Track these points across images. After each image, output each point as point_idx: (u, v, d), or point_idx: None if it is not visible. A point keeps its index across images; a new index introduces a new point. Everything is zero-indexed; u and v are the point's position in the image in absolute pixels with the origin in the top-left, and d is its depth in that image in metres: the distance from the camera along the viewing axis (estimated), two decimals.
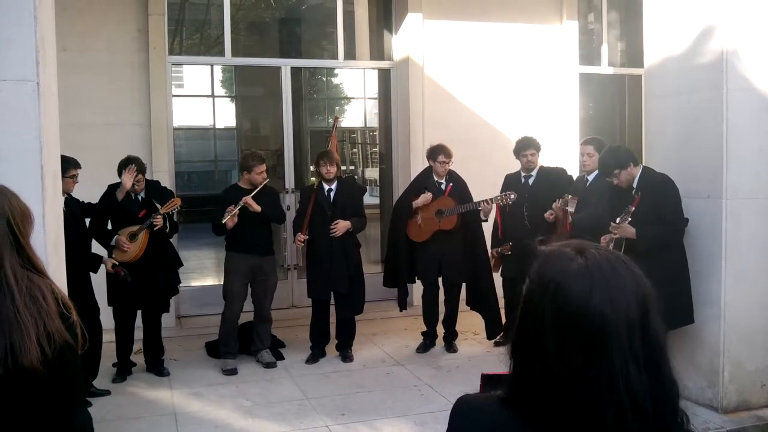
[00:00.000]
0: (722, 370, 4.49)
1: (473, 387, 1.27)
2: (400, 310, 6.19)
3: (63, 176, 4.82)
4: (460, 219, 5.78)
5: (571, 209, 5.17)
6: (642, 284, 1.05)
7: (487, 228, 5.96)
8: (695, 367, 4.63)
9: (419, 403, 4.82)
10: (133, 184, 5.20)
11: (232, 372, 5.45)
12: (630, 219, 4.29)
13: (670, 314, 4.33)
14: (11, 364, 1.42)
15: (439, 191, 5.87)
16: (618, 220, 4.34)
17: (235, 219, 5.45)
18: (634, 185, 4.47)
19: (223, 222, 5.44)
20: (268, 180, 5.67)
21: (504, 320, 5.82)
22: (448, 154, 5.81)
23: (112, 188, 5.29)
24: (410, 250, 5.92)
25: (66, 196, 4.98)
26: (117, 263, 5.08)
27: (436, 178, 5.89)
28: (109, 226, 5.32)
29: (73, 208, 4.98)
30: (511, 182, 5.86)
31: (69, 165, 4.88)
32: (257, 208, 5.46)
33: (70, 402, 1.60)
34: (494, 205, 5.72)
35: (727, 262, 4.44)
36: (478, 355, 5.86)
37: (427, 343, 6.04)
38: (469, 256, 5.85)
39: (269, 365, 5.59)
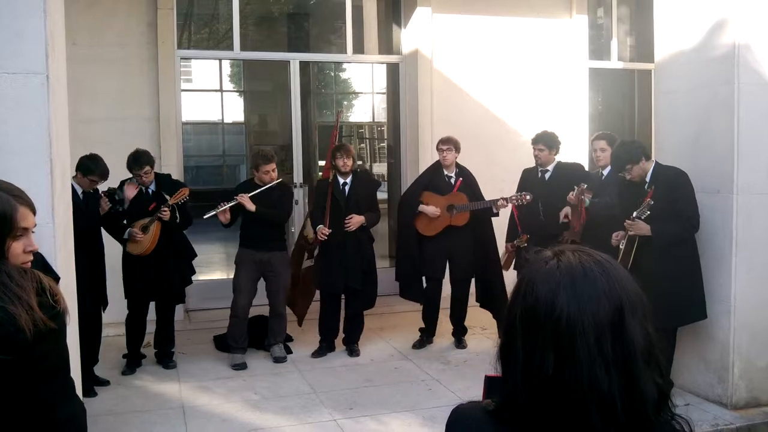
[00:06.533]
0: (732, 366, 4.47)
1: (481, 382, 1.27)
2: (420, 303, 6.01)
3: (84, 175, 4.92)
4: (472, 215, 5.76)
5: (587, 201, 5.15)
6: (619, 288, 1.05)
7: (497, 224, 5.90)
8: (705, 363, 4.62)
9: (427, 398, 4.82)
10: (142, 177, 5.25)
11: (241, 367, 5.46)
12: (648, 212, 4.26)
13: (683, 309, 4.34)
14: None
15: (449, 185, 5.83)
16: (635, 213, 4.31)
17: (227, 214, 5.46)
18: (647, 180, 4.44)
19: (206, 217, 5.48)
20: (280, 180, 5.66)
21: None
22: (446, 141, 5.75)
23: (124, 183, 5.38)
24: (420, 243, 5.85)
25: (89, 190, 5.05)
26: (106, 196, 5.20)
27: (446, 172, 5.85)
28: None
29: (91, 201, 5.04)
30: (527, 177, 5.78)
31: (95, 170, 4.94)
32: (251, 207, 5.44)
33: (51, 394, 1.63)
34: (509, 205, 5.65)
35: (737, 257, 4.41)
36: (486, 350, 5.84)
37: (423, 340, 5.99)
38: (481, 254, 5.81)
39: (278, 360, 5.60)
